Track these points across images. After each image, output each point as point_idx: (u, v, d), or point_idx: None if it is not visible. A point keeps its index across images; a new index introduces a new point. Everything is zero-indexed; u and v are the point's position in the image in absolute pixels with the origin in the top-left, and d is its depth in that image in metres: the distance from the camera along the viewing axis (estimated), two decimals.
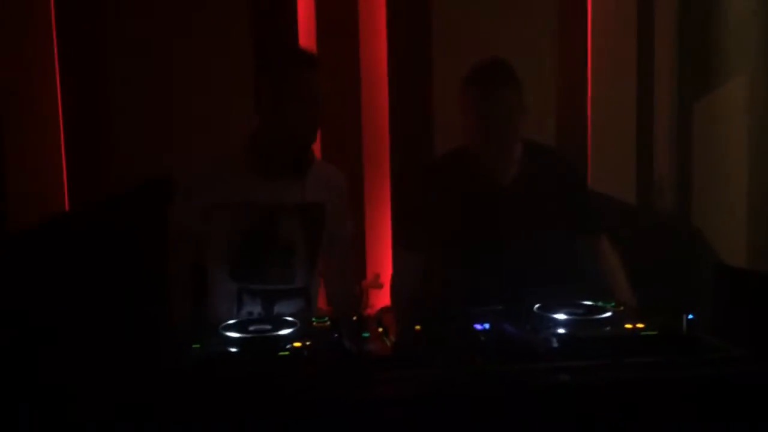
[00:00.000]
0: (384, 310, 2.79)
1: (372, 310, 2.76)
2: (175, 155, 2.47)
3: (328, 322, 1.59)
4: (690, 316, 1.42)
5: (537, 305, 1.61)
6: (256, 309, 1.88)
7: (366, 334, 1.51)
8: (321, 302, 2.50)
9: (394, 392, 1.25)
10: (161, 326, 1.74)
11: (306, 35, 2.76)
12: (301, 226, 1.90)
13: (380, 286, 2.73)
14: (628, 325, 1.49)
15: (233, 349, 1.43)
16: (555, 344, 1.41)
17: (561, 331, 1.48)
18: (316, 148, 2.74)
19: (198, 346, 1.44)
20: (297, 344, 1.42)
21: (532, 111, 2.03)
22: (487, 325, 1.56)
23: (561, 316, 1.54)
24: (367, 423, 1.22)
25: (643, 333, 1.45)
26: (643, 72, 2.97)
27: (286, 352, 1.39)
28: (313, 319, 1.65)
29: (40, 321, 1.80)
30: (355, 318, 1.61)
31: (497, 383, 1.29)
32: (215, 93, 2.59)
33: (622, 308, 1.62)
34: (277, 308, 1.89)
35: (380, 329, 1.55)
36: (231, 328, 1.51)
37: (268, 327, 1.52)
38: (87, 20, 2.62)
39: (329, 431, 1.21)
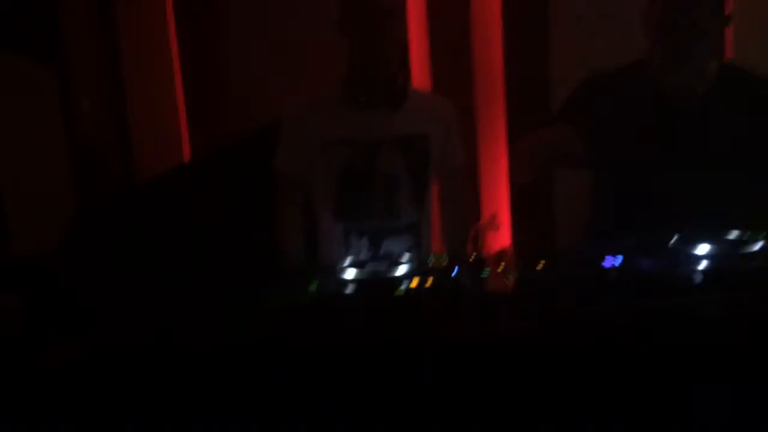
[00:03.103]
0: (504, 251, 2.70)
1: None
2: (289, 98, 2.44)
3: (446, 262, 1.54)
4: None
5: (674, 238, 1.47)
6: (364, 249, 1.85)
7: (485, 273, 1.44)
8: (436, 245, 2.45)
9: (517, 328, 1.17)
10: (278, 269, 1.75)
11: None
12: (404, 159, 1.83)
13: (497, 228, 2.62)
14: None
15: (350, 289, 1.41)
16: (697, 279, 1.28)
17: (703, 265, 1.34)
18: (425, 81, 2.67)
19: (314, 286, 1.44)
20: (414, 284, 1.38)
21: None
22: (617, 261, 1.44)
23: (702, 250, 1.39)
24: (491, 358, 1.15)
25: None
26: None
27: (404, 292, 1.35)
28: (430, 258, 1.62)
29: (160, 264, 1.87)
30: (473, 257, 1.55)
31: (631, 320, 1.18)
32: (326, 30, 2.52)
33: None
34: (385, 247, 1.85)
35: (500, 267, 1.47)
36: (346, 268, 1.49)
37: (384, 267, 1.49)
38: None
39: (452, 367, 1.16)
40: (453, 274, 1.40)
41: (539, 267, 1.46)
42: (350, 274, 1.45)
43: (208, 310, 1.40)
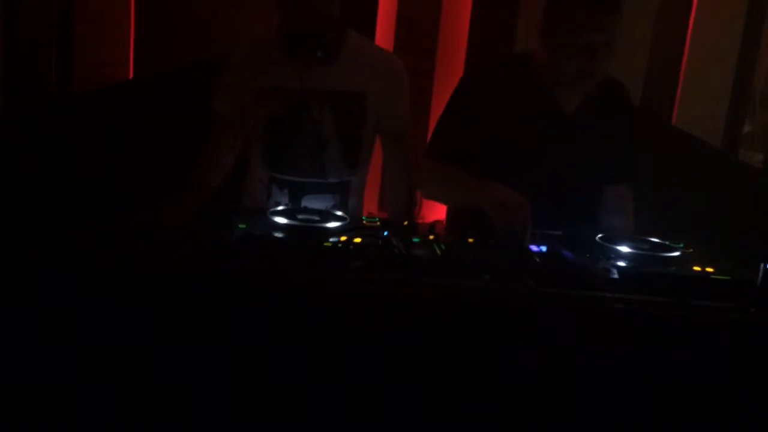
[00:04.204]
0: (438, 222, 2.73)
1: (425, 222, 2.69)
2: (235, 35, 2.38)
3: (378, 223, 1.55)
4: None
5: (599, 235, 1.52)
6: (284, 200, 1.82)
7: (416, 240, 1.45)
8: (374, 207, 2.46)
9: (437, 296, 1.19)
10: (205, 206, 1.71)
11: None
12: (334, 116, 1.78)
13: None
14: (697, 267, 1.39)
15: (278, 234, 1.40)
16: (615, 275, 1.32)
17: (623, 263, 1.39)
18: (388, 40, 2.63)
19: (244, 226, 1.42)
20: (344, 238, 1.38)
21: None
22: (543, 248, 1.48)
23: (624, 249, 1.44)
24: (406, 323, 1.16)
25: (712, 277, 1.35)
26: (753, 11, 2.73)
27: (331, 244, 1.35)
28: (364, 217, 1.63)
29: (93, 180, 1.81)
30: (406, 223, 1.56)
31: (547, 304, 1.21)
32: None
33: (691, 250, 1.51)
34: (306, 202, 1.81)
35: (431, 236, 1.49)
36: (278, 214, 1.48)
37: (316, 218, 1.49)
38: None
39: (368, 325, 1.17)
40: (383, 236, 1.40)
41: (469, 242, 1.49)
42: (279, 219, 1.44)
43: (126, 235, 1.37)
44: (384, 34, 2.69)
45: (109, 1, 2.51)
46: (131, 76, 2.52)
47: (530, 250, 1.46)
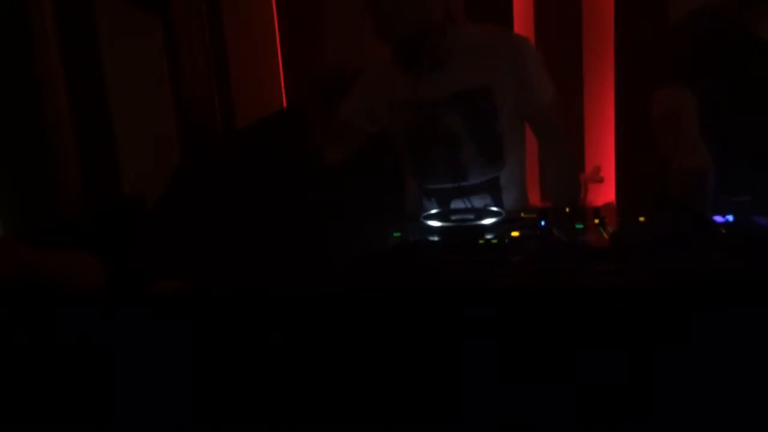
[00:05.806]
0: (608, 205, 2.56)
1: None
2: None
3: (536, 214, 1.47)
4: None
5: None
6: (433, 209, 1.80)
7: (580, 225, 1.35)
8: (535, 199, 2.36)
9: (606, 283, 1.08)
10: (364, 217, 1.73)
11: None
12: (463, 116, 1.71)
13: (600, 180, 2.48)
14: None
15: (433, 238, 1.37)
16: None
17: None
18: (528, 25, 2.52)
19: (398, 234, 1.42)
20: (498, 234, 1.32)
21: None
22: (730, 217, 1.31)
23: None
24: (572, 313, 1.07)
25: None
26: None
27: (489, 241, 1.29)
28: (522, 211, 1.57)
29: (262, 205, 1.90)
30: (568, 209, 1.46)
31: (738, 282, 1.06)
32: None
33: None
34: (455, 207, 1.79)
35: (597, 220, 1.38)
36: (432, 217, 1.46)
37: (471, 217, 1.45)
38: None
39: (531, 321, 1.09)
40: (541, 225, 1.32)
41: (640, 220, 1.36)
42: (432, 223, 1.42)
43: (299, 255, 1.42)
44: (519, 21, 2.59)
45: (258, 38, 2.66)
46: (284, 105, 2.65)
47: (714, 221, 1.30)
